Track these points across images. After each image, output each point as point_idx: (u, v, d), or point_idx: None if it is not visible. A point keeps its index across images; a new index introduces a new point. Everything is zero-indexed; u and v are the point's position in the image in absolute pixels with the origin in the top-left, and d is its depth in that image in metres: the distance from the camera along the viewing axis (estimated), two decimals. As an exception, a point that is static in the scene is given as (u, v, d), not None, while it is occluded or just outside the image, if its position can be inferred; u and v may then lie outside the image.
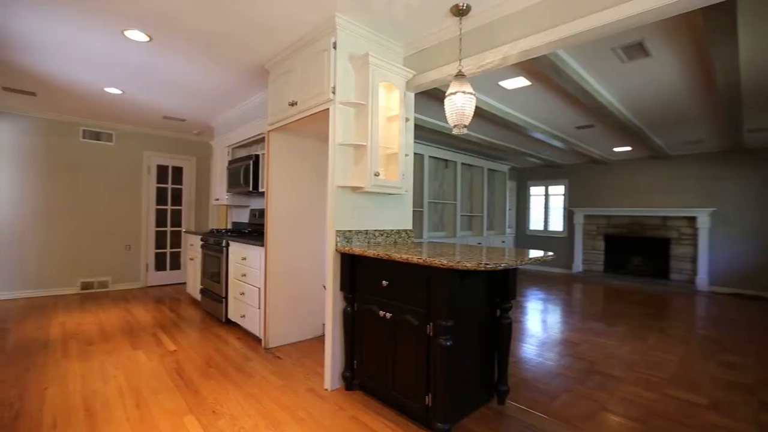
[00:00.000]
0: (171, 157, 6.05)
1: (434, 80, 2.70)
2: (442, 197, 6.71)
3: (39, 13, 2.49)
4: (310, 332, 3.51)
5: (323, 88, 2.53)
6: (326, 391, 2.48)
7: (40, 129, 5.00)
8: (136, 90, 4.01)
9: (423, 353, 1.99)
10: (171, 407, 2.24)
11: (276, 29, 2.64)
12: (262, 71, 3.38)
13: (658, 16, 1.83)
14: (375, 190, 2.50)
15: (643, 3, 1.79)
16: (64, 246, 5.18)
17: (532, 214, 9.22)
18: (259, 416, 2.16)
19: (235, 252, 3.71)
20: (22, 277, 4.90)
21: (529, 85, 3.70)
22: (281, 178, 3.30)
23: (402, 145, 2.64)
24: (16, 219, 4.86)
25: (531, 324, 4.22)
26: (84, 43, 2.92)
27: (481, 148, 6.55)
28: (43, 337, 3.43)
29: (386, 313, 2.18)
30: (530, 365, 3.01)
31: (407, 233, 2.94)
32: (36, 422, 2.06)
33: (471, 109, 2.31)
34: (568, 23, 2.02)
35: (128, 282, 5.68)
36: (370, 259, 2.32)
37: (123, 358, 2.96)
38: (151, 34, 2.76)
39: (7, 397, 2.32)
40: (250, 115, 4.28)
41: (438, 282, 1.90)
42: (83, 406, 2.24)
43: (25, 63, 3.34)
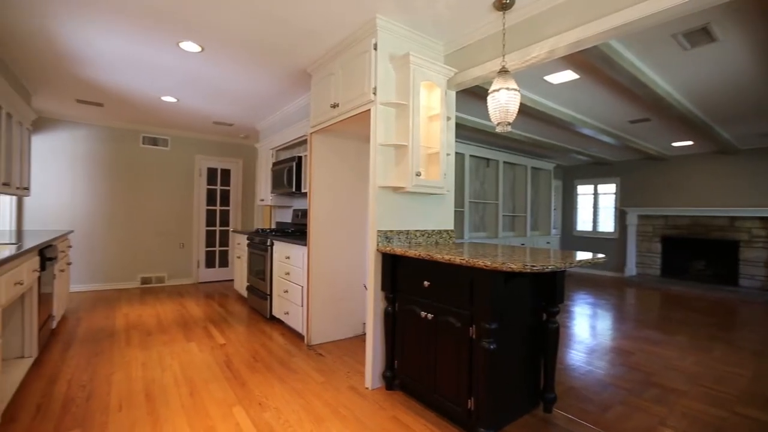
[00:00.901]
0: (220, 160, 6.38)
1: (476, 77, 2.64)
2: (483, 197, 6.56)
3: (106, 32, 2.72)
4: (351, 331, 3.55)
5: (364, 89, 2.55)
6: (367, 390, 2.50)
7: (106, 137, 5.46)
8: (189, 97, 4.26)
9: (465, 356, 1.95)
10: (221, 397, 2.36)
11: (318, 33, 2.71)
12: (304, 75, 3.47)
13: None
14: (416, 190, 2.49)
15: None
16: (126, 244, 5.61)
17: (579, 214, 8.77)
18: (302, 411, 2.22)
19: (279, 251, 3.84)
20: (91, 272, 5.37)
21: (576, 79, 3.52)
22: (323, 179, 3.38)
23: (443, 144, 2.61)
24: (88, 219, 5.33)
25: (579, 330, 4.02)
26: (144, 56, 3.15)
27: (524, 145, 6.33)
28: (110, 326, 3.74)
29: (427, 314, 2.16)
30: (579, 373, 2.87)
31: (448, 234, 2.90)
32: (104, 404, 2.24)
33: (515, 106, 2.24)
34: (623, 11, 1.90)
35: (182, 278, 6.05)
36: (412, 260, 2.31)
37: (178, 349, 3.15)
38: (203, 44, 2.92)
39: (81, 380, 2.54)
40: (293, 118, 4.41)
41: (481, 283, 1.86)
42: (144, 391, 2.42)
43: (94, 77, 3.65)
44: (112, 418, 2.09)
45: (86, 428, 1.99)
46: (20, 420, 2.06)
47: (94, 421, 2.06)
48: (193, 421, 2.08)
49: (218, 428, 2.02)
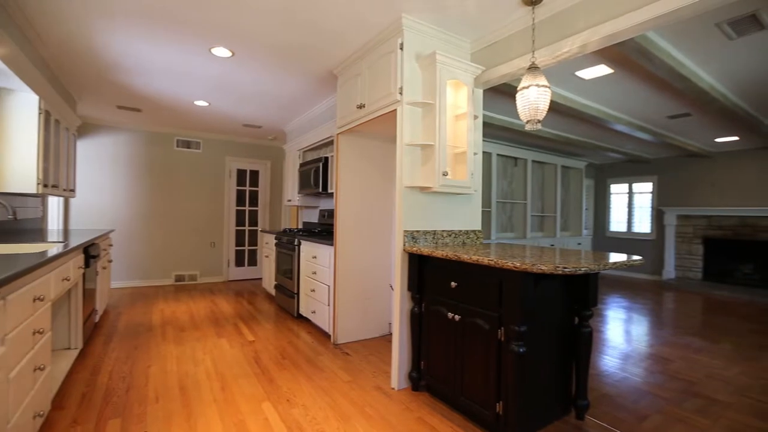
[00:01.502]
0: (249, 162, 6.55)
1: (504, 75, 2.59)
2: (511, 196, 6.43)
3: (144, 41, 2.84)
4: (377, 331, 3.56)
5: (390, 89, 2.55)
6: (393, 390, 2.50)
7: (144, 140, 5.72)
8: (220, 101, 4.40)
9: (494, 358, 1.91)
10: (250, 393, 2.42)
11: (344, 35, 2.73)
12: (330, 76, 3.51)
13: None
14: (443, 190, 2.47)
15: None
16: (161, 243, 5.86)
17: (612, 215, 8.44)
18: (329, 409, 2.24)
19: (306, 251, 3.90)
20: (130, 269, 5.64)
21: (610, 74, 3.38)
22: (349, 179, 3.40)
23: (470, 143, 2.57)
24: (127, 219, 5.61)
25: (613, 334, 3.86)
26: (178, 62, 3.27)
27: (554, 144, 6.15)
28: (147, 321, 3.91)
29: (455, 315, 2.14)
30: (613, 380, 2.75)
31: (476, 234, 2.86)
32: (142, 395, 2.35)
33: (545, 103, 2.18)
34: (661, 0, 1.80)
35: (213, 276, 6.26)
36: (439, 260, 2.29)
37: (210, 345, 3.26)
38: (234, 49, 3.00)
39: (121, 372, 2.67)
40: (320, 120, 4.47)
41: (510, 285, 1.82)
42: (178, 384, 2.51)
43: (133, 84, 3.83)
44: (149, 409, 2.19)
45: (126, 418, 2.09)
46: (67, 407, 2.18)
47: (133, 412, 2.16)
48: (225, 415, 2.14)
49: (248, 423, 2.07)
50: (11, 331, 1.43)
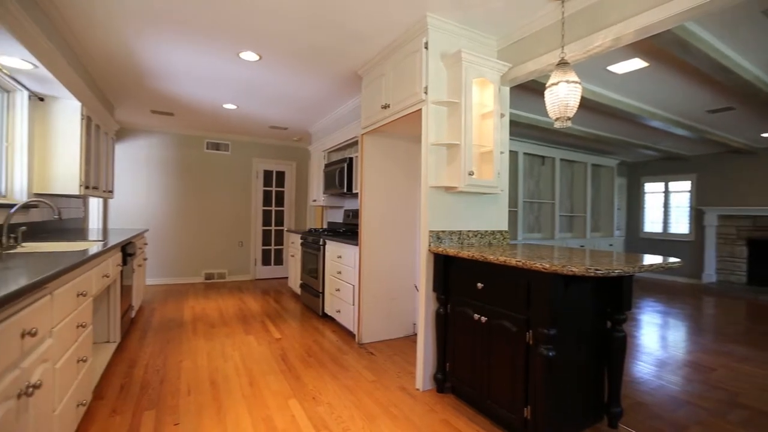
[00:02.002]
0: (275, 163, 6.69)
1: (532, 71, 2.53)
2: (538, 196, 6.27)
3: (176, 47, 2.95)
4: (401, 331, 3.56)
5: (415, 89, 2.54)
6: (417, 391, 2.49)
7: (175, 143, 5.94)
8: (248, 104, 4.51)
9: (521, 362, 1.87)
10: (277, 389, 2.47)
11: (369, 35, 2.74)
12: (355, 77, 3.53)
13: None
14: (469, 190, 2.44)
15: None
16: (192, 242, 6.07)
17: (647, 214, 8.08)
18: (354, 408, 2.26)
19: (331, 250, 3.94)
20: (162, 267, 5.87)
21: (645, 67, 3.24)
22: (374, 180, 3.41)
23: (497, 142, 2.52)
24: (160, 219, 5.84)
25: (648, 340, 3.70)
26: (209, 67, 3.38)
27: (584, 141, 5.96)
28: (179, 317, 4.06)
29: (481, 317, 2.10)
30: (648, 388, 2.63)
31: (502, 234, 2.80)
32: (175, 388, 2.44)
33: (576, 100, 2.11)
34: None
35: (241, 274, 6.43)
36: (464, 261, 2.26)
37: (238, 341, 3.35)
38: (261, 53, 3.07)
39: (155, 365, 2.79)
40: (344, 121, 4.51)
41: (539, 287, 1.77)
42: (209, 379, 2.59)
43: (166, 89, 3.99)
44: (181, 402, 2.27)
45: (160, 409, 2.18)
46: (107, 398, 2.30)
47: (166, 404, 2.24)
48: (253, 410, 2.19)
49: (275, 418, 2.11)
50: (58, 324, 1.51)
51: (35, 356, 1.28)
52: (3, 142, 2.73)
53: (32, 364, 1.25)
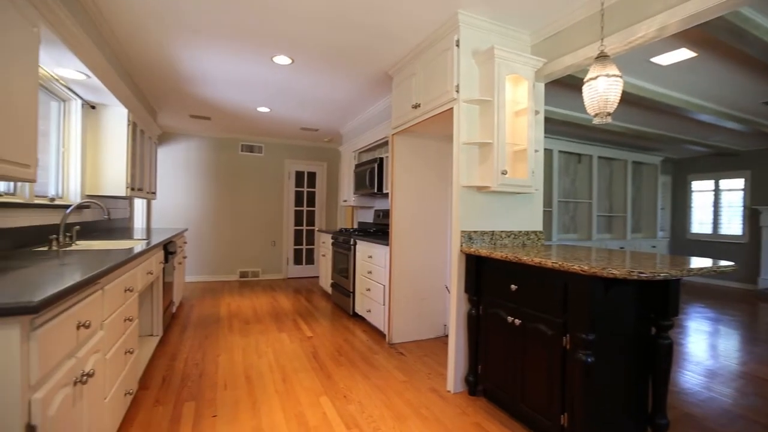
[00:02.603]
0: (306, 164, 6.82)
1: (568, 66, 2.44)
2: (574, 195, 6.04)
3: (213, 53, 3.07)
4: (432, 332, 3.53)
5: (446, 87, 2.51)
6: (449, 393, 2.46)
7: (212, 146, 6.19)
8: (280, 107, 4.62)
9: (557, 367, 1.80)
10: (309, 386, 2.51)
11: (400, 35, 2.73)
12: (385, 78, 3.54)
13: None
14: (502, 190, 2.38)
15: None
16: (228, 241, 6.29)
17: (694, 214, 7.60)
18: (384, 407, 2.26)
19: (362, 250, 3.97)
20: (200, 265, 6.13)
21: (693, 58, 3.05)
22: (404, 180, 3.41)
23: (531, 140, 2.45)
24: (198, 219, 6.10)
25: (696, 348, 3.47)
26: (244, 72, 3.49)
27: (624, 138, 5.68)
28: (215, 314, 4.22)
29: (515, 319, 2.05)
30: (697, 399, 2.47)
31: (537, 235, 2.72)
32: (213, 381, 2.53)
33: (616, 94, 2.01)
34: (761, -29, 1.59)
35: (273, 273, 6.60)
36: (497, 262, 2.21)
37: (271, 339, 3.44)
38: (293, 56, 3.14)
39: (195, 359, 2.91)
40: (375, 121, 4.53)
41: (577, 290, 1.70)
42: (244, 374, 2.68)
43: (203, 94, 4.16)
44: (219, 395, 2.35)
45: (199, 401, 2.27)
46: (151, 388, 2.42)
47: (205, 396, 2.34)
48: (286, 406, 2.24)
49: (307, 415, 2.15)
50: (108, 317, 1.61)
51: (89, 347, 1.37)
52: (60, 147, 2.94)
53: (86, 354, 1.34)
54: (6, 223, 2.04)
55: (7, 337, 0.92)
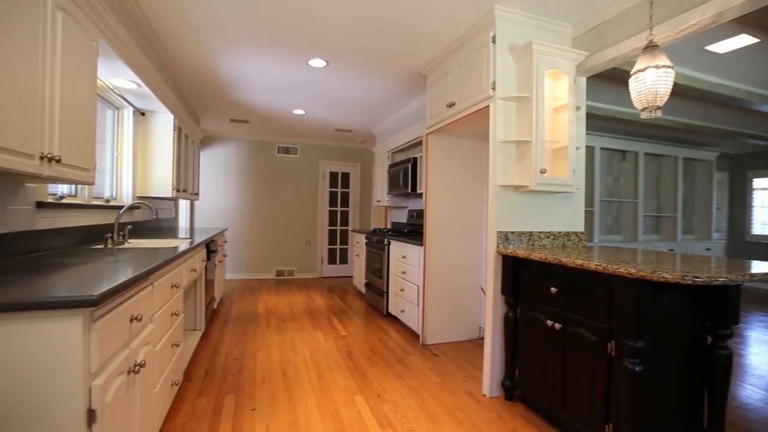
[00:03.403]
0: (340, 165, 6.92)
1: (613, 58, 2.31)
2: (617, 194, 5.74)
3: (251, 59, 3.18)
4: (466, 333, 3.47)
5: (482, 85, 2.46)
6: (484, 397, 2.41)
7: (250, 148, 6.41)
8: (315, 109, 4.72)
9: (602, 375, 1.72)
10: (343, 384, 2.54)
11: (434, 34, 2.71)
12: (419, 77, 3.52)
13: None
14: (540, 189, 2.30)
15: None
16: (265, 240, 6.50)
17: (755, 214, 6.99)
18: (418, 408, 2.25)
19: (396, 250, 3.97)
20: (238, 263, 6.36)
21: (755, 44, 2.81)
22: (438, 179, 3.37)
23: (572, 137, 2.35)
24: (237, 218, 6.35)
25: (759, 360, 3.20)
26: (280, 76, 3.59)
27: (674, 132, 5.32)
28: (253, 311, 4.36)
29: (554, 323, 1.97)
30: (760, 416, 2.27)
31: (578, 236, 2.61)
32: (251, 376, 2.62)
33: (667, 87, 1.89)
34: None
35: (308, 272, 6.74)
36: (536, 263, 2.13)
37: (307, 336, 3.51)
38: (328, 59, 3.19)
39: (234, 354, 3.03)
40: (408, 121, 4.52)
41: (623, 294, 1.61)
42: (281, 370, 2.75)
43: (243, 98, 4.32)
44: (257, 389, 2.43)
45: (239, 395, 2.36)
46: (194, 380, 2.54)
47: (244, 390, 2.42)
48: (321, 403, 2.28)
49: (342, 413, 2.17)
50: (157, 311, 1.71)
51: (140, 339, 1.45)
52: (114, 152, 3.16)
53: (138, 346, 1.42)
54: (69, 222, 2.22)
55: (71, 328, 1.00)
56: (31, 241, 1.84)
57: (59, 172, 1.49)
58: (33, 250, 1.86)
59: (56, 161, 1.44)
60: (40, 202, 1.94)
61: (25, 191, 1.81)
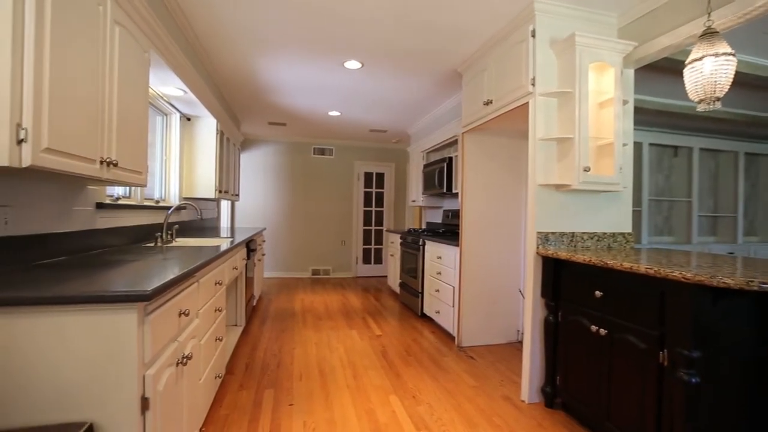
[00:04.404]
0: (375, 165, 6.96)
1: (665, 48, 2.17)
2: (668, 193, 5.38)
3: (288, 63, 3.26)
4: (503, 337, 3.38)
5: (521, 81, 2.39)
6: (523, 403, 2.33)
7: (287, 150, 6.59)
8: (350, 110, 4.77)
9: (653, 385, 1.61)
10: (378, 384, 2.55)
11: (471, 31, 2.66)
12: (454, 75, 3.47)
13: None
14: (584, 188, 2.20)
15: None
16: (301, 239, 6.66)
17: (830, 215, 6.31)
18: (454, 411, 2.21)
19: (431, 251, 3.94)
20: (276, 262, 6.56)
21: (832, 27, 2.54)
22: (475, 179, 3.31)
23: (618, 132, 2.23)
24: (274, 218, 6.55)
25: (835, 375, 2.88)
26: (316, 78, 3.66)
27: (734, 126, 4.91)
28: (290, 308, 4.48)
29: (599, 329, 1.88)
30: (839, 437, 2.05)
31: (624, 237, 2.47)
32: (289, 372, 2.69)
33: (728, 76, 1.75)
34: None
35: (343, 272, 6.83)
36: (579, 265, 2.04)
37: (342, 335, 3.56)
38: (364, 60, 3.22)
39: (273, 350, 3.12)
40: (443, 120, 4.47)
41: (677, 300, 1.51)
42: (317, 367, 2.80)
43: (280, 102, 4.45)
44: (294, 385, 2.49)
45: (277, 389, 2.43)
46: (236, 374, 2.64)
47: (282, 385, 2.49)
48: (356, 401, 2.30)
49: (377, 413, 2.18)
50: (202, 307, 1.79)
51: (187, 332, 1.53)
52: (163, 156, 3.35)
53: (185, 339, 1.50)
54: (124, 221, 2.38)
55: (127, 320, 1.07)
56: (92, 239, 1.99)
57: (116, 175, 1.60)
58: (93, 247, 2.01)
59: (114, 165, 1.55)
60: (99, 203, 2.09)
61: (86, 193, 1.96)
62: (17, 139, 1.04)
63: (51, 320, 1.03)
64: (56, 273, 1.33)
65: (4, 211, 1.39)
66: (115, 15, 1.57)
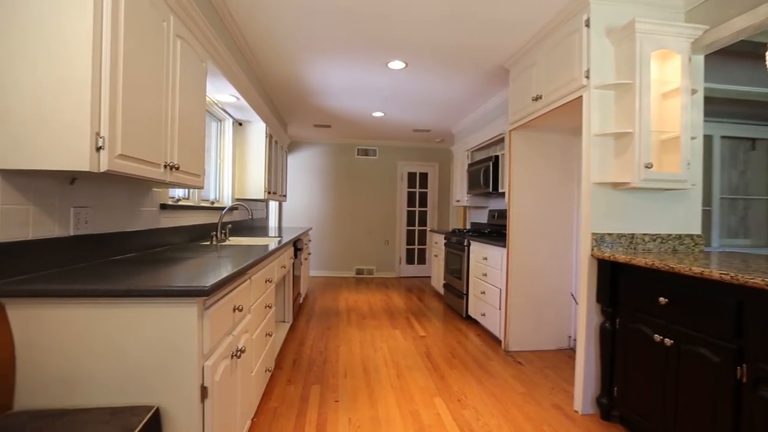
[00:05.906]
0: (418, 165, 6.93)
1: (742, 29, 1.96)
2: (743, 191, 4.86)
3: (333, 66, 3.33)
4: (553, 343, 3.23)
5: (573, 74, 2.27)
6: (576, 413, 2.21)
7: (332, 151, 6.74)
8: (394, 110, 4.78)
9: (728, 403, 1.46)
10: (423, 385, 2.53)
11: (518, 24, 2.57)
12: (500, 71, 3.37)
13: None
14: (645, 186, 2.04)
15: None
16: (345, 239, 6.77)
17: None
18: (501, 417, 2.14)
19: (476, 251, 3.85)
20: (321, 261, 6.72)
21: None
22: (523, 177, 3.19)
23: (685, 125, 2.04)
24: (320, 218, 6.72)
25: None
26: (360, 80, 3.71)
27: (825, 115, 4.35)
28: (335, 307, 4.57)
29: (664, 338, 1.73)
30: None
31: (693, 239, 2.26)
32: (334, 369, 2.75)
33: (821, 57, 1.54)
34: None
35: (386, 271, 6.87)
36: (640, 270, 1.90)
37: (385, 335, 3.57)
38: (407, 60, 3.21)
39: (319, 347, 3.20)
40: (489, 118, 4.36)
41: (759, 310, 1.35)
42: (361, 365, 2.83)
43: (325, 104, 4.56)
44: (340, 382, 2.54)
45: (323, 385, 2.48)
46: (284, 369, 2.74)
47: (328, 382, 2.54)
48: (400, 402, 2.30)
49: (422, 414, 2.16)
50: (254, 303, 1.87)
51: (241, 327, 1.61)
52: (217, 159, 3.55)
53: (239, 333, 1.58)
54: (183, 221, 2.55)
55: (188, 314, 1.14)
56: (156, 237, 2.16)
57: (177, 177, 1.72)
58: (157, 245, 2.17)
59: (175, 168, 1.67)
60: (163, 204, 2.26)
61: (152, 195, 2.13)
62: (96, 147, 1.15)
63: (123, 311, 1.13)
64: (127, 268, 1.46)
65: (85, 212, 1.54)
66: (177, 29, 1.69)
